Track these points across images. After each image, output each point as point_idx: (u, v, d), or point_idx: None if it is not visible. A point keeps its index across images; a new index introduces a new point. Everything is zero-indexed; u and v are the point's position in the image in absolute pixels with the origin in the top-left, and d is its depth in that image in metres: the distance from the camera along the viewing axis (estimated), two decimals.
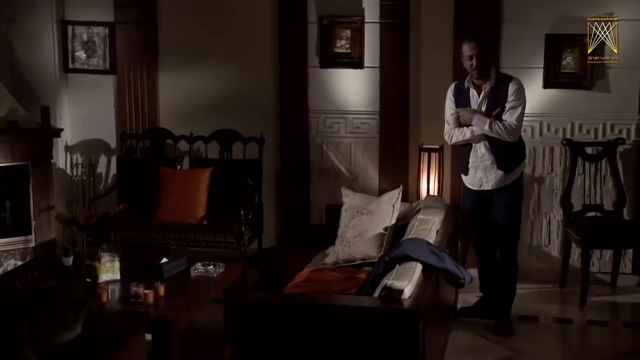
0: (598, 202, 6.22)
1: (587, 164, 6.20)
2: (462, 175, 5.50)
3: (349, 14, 6.52)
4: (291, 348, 3.87)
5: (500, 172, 5.24)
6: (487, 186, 5.30)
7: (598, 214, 6.20)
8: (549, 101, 6.29)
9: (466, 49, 5.19)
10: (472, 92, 5.29)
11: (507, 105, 5.17)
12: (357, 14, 6.51)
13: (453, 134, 5.35)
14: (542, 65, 6.26)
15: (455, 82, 5.45)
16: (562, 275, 6.23)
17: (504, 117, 5.16)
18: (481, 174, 5.30)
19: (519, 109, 5.19)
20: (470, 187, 5.42)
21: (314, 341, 3.84)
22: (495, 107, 5.19)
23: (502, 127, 5.14)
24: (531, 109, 6.29)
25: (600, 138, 6.30)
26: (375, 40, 6.52)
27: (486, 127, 5.15)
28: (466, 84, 5.30)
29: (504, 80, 5.24)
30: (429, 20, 6.44)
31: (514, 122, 5.15)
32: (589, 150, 6.20)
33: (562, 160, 6.36)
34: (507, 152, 5.25)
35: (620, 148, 6.22)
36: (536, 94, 6.23)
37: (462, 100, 5.33)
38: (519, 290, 5.47)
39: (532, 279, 6.22)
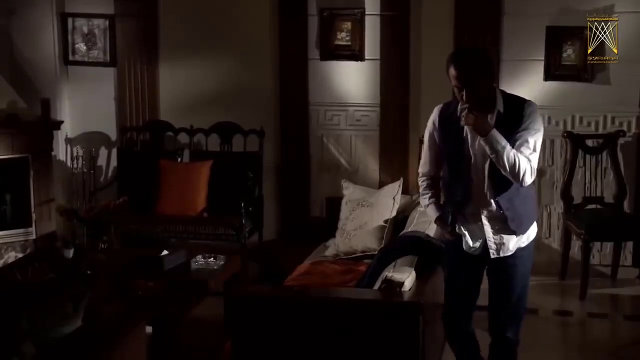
0: (598, 194, 6.21)
1: (587, 157, 6.19)
2: (445, 229, 3.91)
3: (349, 6, 6.50)
4: (291, 341, 3.88)
5: (513, 236, 3.75)
6: (494, 253, 3.76)
7: (598, 207, 6.19)
8: (550, 94, 6.27)
9: (453, 74, 3.61)
10: None
11: (519, 135, 3.60)
12: (358, 6, 6.50)
13: (422, 193, 3.99)
14: (543, 58, 6.24)
15: (442, 105, 3.89)
16: (562, 267, 6.23)
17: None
18: (483, 236, 3.76)
19: (536, 138, 3.63)
20: (463, 248, 3.84)
21: (314, 334, 3.85)
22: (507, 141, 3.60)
23: (523, 160, 3.57)
24: None
25: (600, 130, 6.29)
26: (375, 32, 6.50)
27: (504, 152, 3.54)
28: (460, 111, 3.66)
29: (515, 103, 3.70)
30: (430, 13, 6.42)
31: (533, 157, 3.63)
32: (589, 142, 6.19)
33: (562, 152, 6.35)
34: (521, 204, 3.75)
35: (621, 140, 6.20)
36: (537, 87, 6.22)
37: (452, 131, 3.75)
38: None
39: (532, 272, 6.20)
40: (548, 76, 6.25)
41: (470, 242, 3.77)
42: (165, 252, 4.84)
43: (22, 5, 6.91)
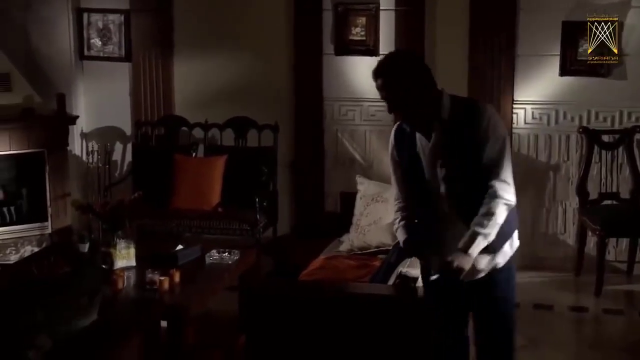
0: (614, 190, 6.18)
1: (603, 152, 6.16)
2: (418, 259, 3.63)
3: (364, 1, 6.49)
4: (305, 335, 3.88)
5: (484, 255, 3.29)
6: (469, 276, 3.30)
7: (614, 202, 6.16)
8: (565, 89, 6.24)
9: (376, 86, 3.38)
10: (419, 136, 3.38)
11: (487, 155, 3.21)
12: (372, 1, 6.48)
13: (394, 217, 3.60)
14: (559, 53, 6.21)
15: (397, 124, 3.53)
16: (578, 263, 6.20)
17: (491, 179, 3.23)
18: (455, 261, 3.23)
19: (505, 152, 3.25)
20: (437, 277, 3.32)
21: (328, 329, 3.85)
22: (456, 155, 3.26)
23: (499, 209, 3.20)
24: (547, 97, 6.28)
25: (616, 126, 6.25)
26: (390, 27, 6.48)
27: (492, 234, 3.21)
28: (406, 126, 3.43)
29: (464, 107, 3.29)
30: (445, 8, 6.40)
31: (507, 180, 3.25)
32: (605, 138, 6.15)
33: (578, 148, 6.31)
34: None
35: (637, 136, 6.16)
36: (552, 82, 6.20)
37: (406, 146, 3.44)
38: (534, 279, 5.44)
39: (547, 267, 6.21)
40: (564, 71, 6.22)
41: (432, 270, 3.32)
42: (179, 246, 4.84)
43: (37, 1, 6.94)
